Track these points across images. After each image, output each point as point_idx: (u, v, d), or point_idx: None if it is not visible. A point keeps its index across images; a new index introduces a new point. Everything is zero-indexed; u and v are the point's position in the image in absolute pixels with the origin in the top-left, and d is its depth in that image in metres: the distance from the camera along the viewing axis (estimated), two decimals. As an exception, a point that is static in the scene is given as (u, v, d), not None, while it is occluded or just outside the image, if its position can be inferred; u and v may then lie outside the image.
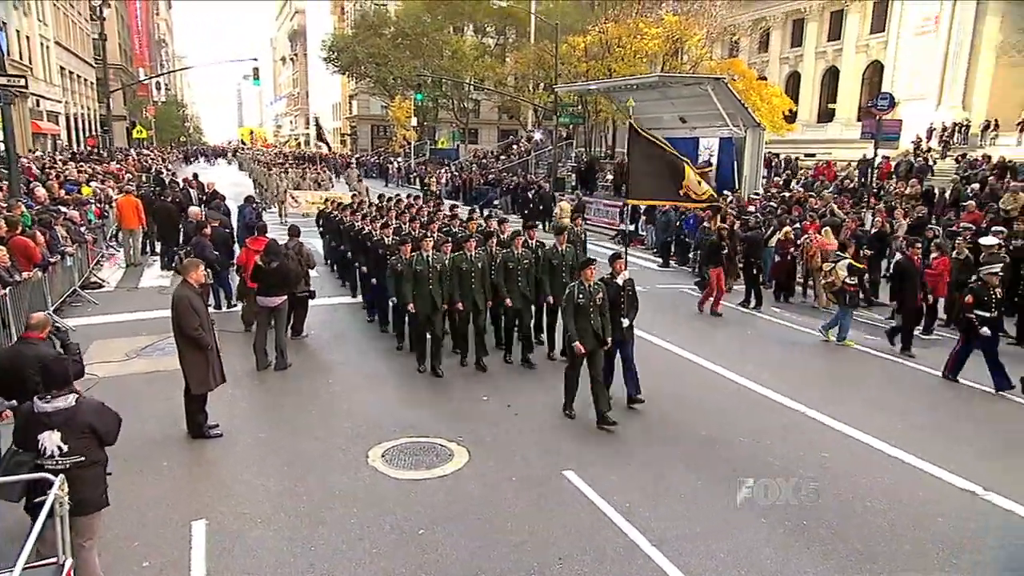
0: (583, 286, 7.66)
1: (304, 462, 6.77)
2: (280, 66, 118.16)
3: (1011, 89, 32.55)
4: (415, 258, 9.15)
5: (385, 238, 10.93)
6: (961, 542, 5.58)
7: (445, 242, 9.71)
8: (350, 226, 12.91)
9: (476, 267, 9.39)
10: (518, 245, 9.71)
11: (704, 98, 22.32)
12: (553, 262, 9.86)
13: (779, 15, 44.94)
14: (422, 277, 9.12)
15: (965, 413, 8.60)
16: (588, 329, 7.60)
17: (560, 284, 9.51)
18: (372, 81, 58.49)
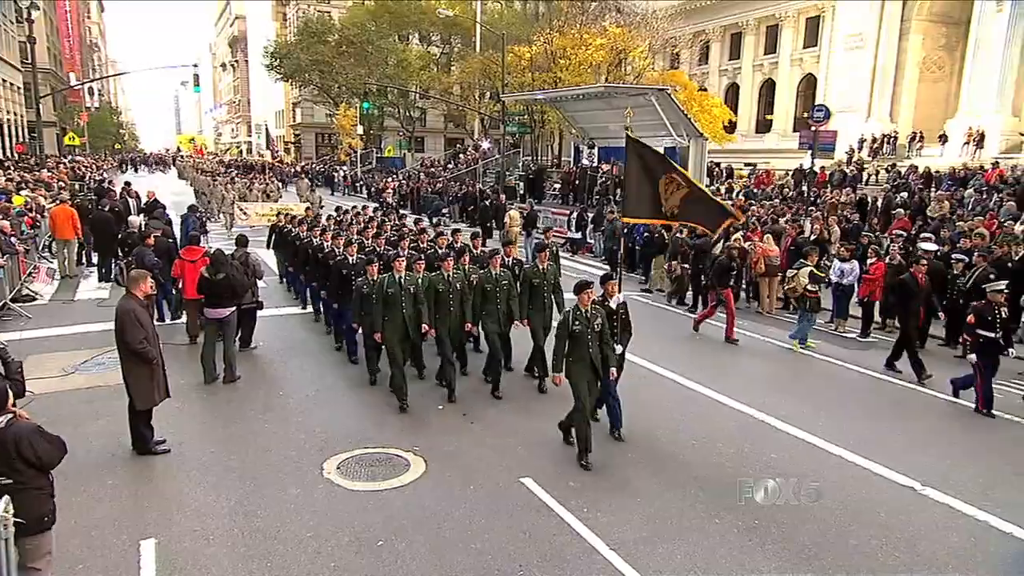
0: (579, 311, 6.92)
1: (258, 476, 6.62)
2: (220, 72, 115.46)
3: (934, 103, 34.38)
4: (385, 279, 8.31)
5: (349, 256, 10.04)
6: (902, 536, 5.83)
7: (417, 260, 8.84)
8: (307, 242, 12.02)
9: (454, 288, 8.64)
10: (496, 264, 8.98)
11: (648, 108, 22.75)
12: (534, 282, 9.03)
13: (718, 28, 46.32)
14: (393, 301, 8.23)
15: (905, 413, 8.98)
16: (585, 359, 6.88)
17: (542, 306, 9.01)
18: (316, 89, 57.73)
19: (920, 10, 33.76)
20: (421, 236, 11.72)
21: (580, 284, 7.05)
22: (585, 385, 6.90)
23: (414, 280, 8.44)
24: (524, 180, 29.95)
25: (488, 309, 8.93)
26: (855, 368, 10.64)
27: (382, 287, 8.26)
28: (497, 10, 56.39)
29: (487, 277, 8.91)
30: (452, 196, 30.37)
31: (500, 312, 8.92)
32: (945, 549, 5.66)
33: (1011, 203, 16.93)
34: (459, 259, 9.09)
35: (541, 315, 9.07)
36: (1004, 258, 11.78)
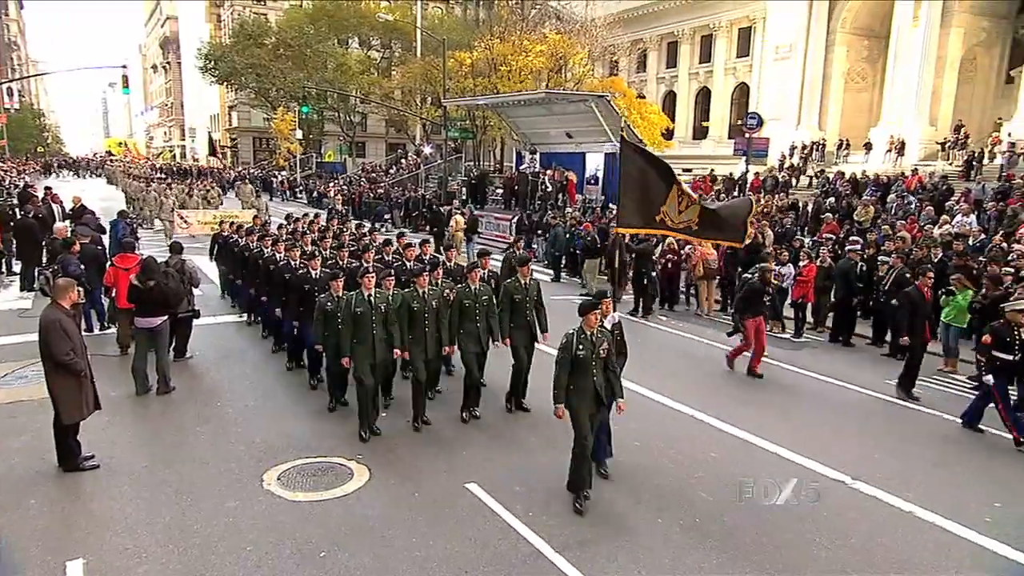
0: (584, 334, 6.21)
1: (194, 490, 6.41)
2: (151, 74, 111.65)
3: (858, 112, 35.94)
4: (353, 298, 7.52)
5: (311, 271, 9.18)
6: (836, 527, 6.06)
7: (387, 275, 7.89)
8: (257, 254, 11.02)
9: (429, 307, 7.85)
10: (475, 278, 8.17)
11: (588, 115, 23.12)
12: (515, 298, 8.31)
13: (655, 37, 47.34)
14: (363, 322, 7.46)
15: (841, 411, 9.33)
16: (589, 388, 6.19)
17: (524, 324, 8.33)
18: (253, 92, 56.41)
19: (844, 23, 35.24)
20: (386, 248, 10.69)
21: (587, 304, 6.28)
22: (587, 418, 6.20)
23: (385, 298, 7.62)
24: (466, 185, 29.94)
25: (467, 328, 8.11)
26: (791, 368, 11.01)
27: (349, 306, 7.46)
28: (438, 15, 56.35)
29: (465, 292, 8.11)
30: (394, 201, 30.13)
31: (480, 330, 8.15)
32: (877, 542, 5.91)
33: (930, 208, 17.82)
34: (432, 273, 8.21)
35: (523, 334, 8.36)
36: (922, 260, 12.40)
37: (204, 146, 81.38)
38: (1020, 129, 25.53)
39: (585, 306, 6.28)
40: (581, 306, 6.29)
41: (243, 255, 11.87)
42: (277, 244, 10.79)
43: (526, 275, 8.42)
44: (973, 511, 6.35)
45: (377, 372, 7.71)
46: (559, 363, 6.25)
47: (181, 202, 25.65)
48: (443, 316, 8.01)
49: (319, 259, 9.39)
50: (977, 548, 5.82)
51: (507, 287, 8.36)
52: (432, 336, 7.93)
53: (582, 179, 24.82)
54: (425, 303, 7.84)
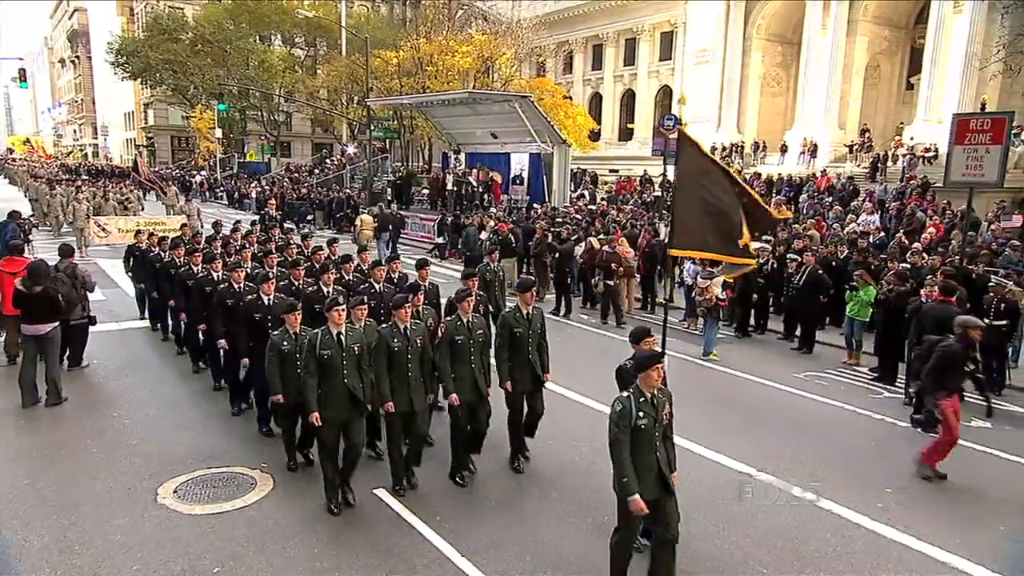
0: (643, 397, 4.69)
1: (80, 509, 6.03)
2: (59, 69, 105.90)
3: (774, 116, 37.28)
4: (318, 337, 5.95)
5: (264, 296, 7.56)
6: (741, 518, 6.19)
7: (359, 305, 6.29)
8: (186, 272, 9.39)
9: (414, 345, 6.31)
10: (467, 309, 6.58)
11: (513, 115, 23.15)
12: (515, 332, 6.71)
13: (580, 39, 47.89)
14: (331, 368, 5.92)
15: (747, 407, 9.57)
16: (652, 467, 4.73)
17: (525, 364, 6.76)
18: (170, 89, 54.22)
19: (759, 30, 36.49)
20: (346, 265, 8.88)
21: (645, 359, 4.76)
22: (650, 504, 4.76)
23: (358, 336, 6.08)
24: (392, 186, 29.56)
25: (459, 370, 6.50)
26: (694, 361, 11.26)
27: (313, 347, 5.91)
28: (363, 14, 55.51)
29: (456, 326, 6.54)
30: (318, 202, 29.46)
31: (475, 372, 6.56)
32: (776, 530, 6.06)
33: (838, 207, 18.61)
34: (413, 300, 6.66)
35: (525, 376, 6.80)
36: (829, 257, 12.90)
37: (118, 147, 77.88)
38: (920, 133, 26.96)
39: (643, 361, 4.76)
40: (639, 361, 4.81)
41: (169, 272, 10.08)
42: (213, 262, 9.06)
43: (528, 303, 6.81)
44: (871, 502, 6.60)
45: (353, 432, 6.08)
46: (616, 442, 4.67)
47: (96, 206, 22.83)
48: (428, 356, 6.47)
49: (272, 282, 7.75)
50: (870, 533, 6.03)
51: (506, 319, 6.77)
52: (416, 383, 6.34)
53: (508, 179, 24.84)
54: (408, 341, 6.26)
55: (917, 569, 5.53)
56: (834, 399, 9.45)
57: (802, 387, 9.93)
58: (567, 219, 18.23)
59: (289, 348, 6.44)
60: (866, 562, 5.60)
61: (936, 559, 5.66)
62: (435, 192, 26.26)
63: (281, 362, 6.47)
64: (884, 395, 9.62)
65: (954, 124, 11.33)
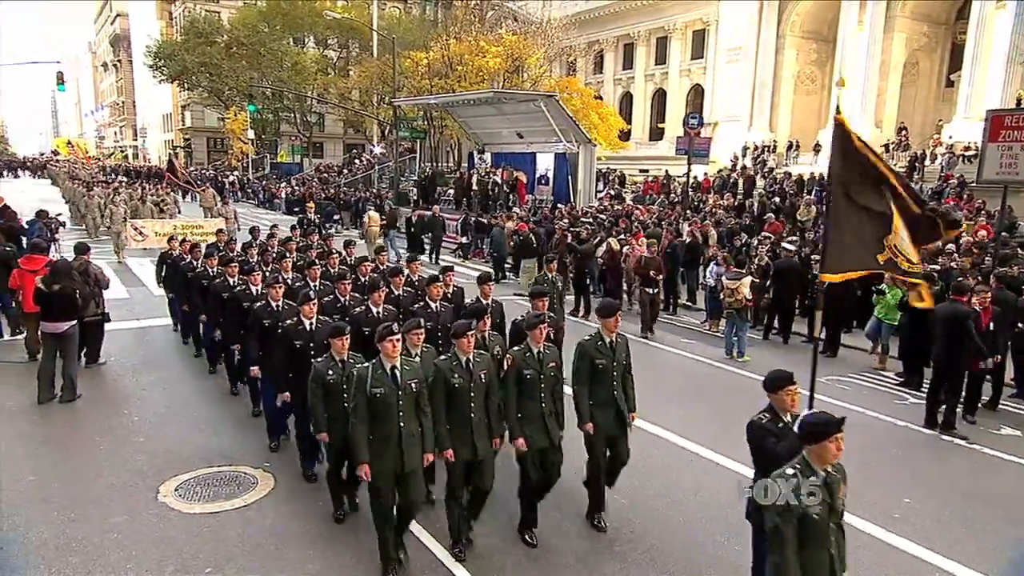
0: (812, 473, 3.65)
1: (82, 505, 6.04)
2: (101, 73, 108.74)
3: (808, 114, 36.57)
4: (369, 372, 4.92)
5: (305, 319, 6.42)
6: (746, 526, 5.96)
7: (415, 329, 5.46)
8: (221, 284, 8.47)
9: (477, 381, 5.30)
10: (539, 339, 5.51)
11: (538, 114, 23.01)
12: (597, 363, 5.68)
13: (611, 39, 47.58)
14: (384, 409, 4.92)
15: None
16: (824, 548, 3.67)
17: (609, 402, 5.70)
18: (205, 91, 55.27)
19: (793, 27, 35.84)
20: (395, 279, 7.80)
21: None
22: None
23: (415, 371, 5.12)
24: (418, 186, 29.62)
25: (527, 410, 5.50)
26: (714, 364, 10.99)
27: (363, 384, 4.91)
28: (395, 15, 55.90)
29: (525, 358, 5.51)
30: (344, 202, 29.66)
31: (546, 413, 5.55)
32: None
33: (870, 207, 18.07)
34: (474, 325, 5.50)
35: (607, 415, 5.74)
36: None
37: (157, 148, 79.63)
38: (959, 131, 26.17)
39: (774, 381, 4.60)
40: (771, 380, 4.63)
41: (201, 284, 9.30)
42: (251, 274, 8.20)
43: (612, 329, 5.74)
44: (886, 509, 6.32)
45: (410, 486, 5.11)
46: (776, 532, 3.63)
47: (133, 209, 21.92)
48: (495, 394, 5.45)
49: (314, 303, 6.51)
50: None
51: (586, 347, 5.73)
52: (480, 425, 5.35)
53: (533, 179, 24.70)
54: (471, 376, 5.26)
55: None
56: (855, 404, 9.09)
57: (823, 391, 9.45)
58: (590, 219, 18.01)
59: (335, 378, 5.52)
60: (873, 574, 5.35)
61: (950, 572, 5.40)
62: (460, 192, 26.22)
63: (326, 394, 5.54)
64: (909, 401, 9.26)
65: (988, 120, 10.91)
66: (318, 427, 5.65)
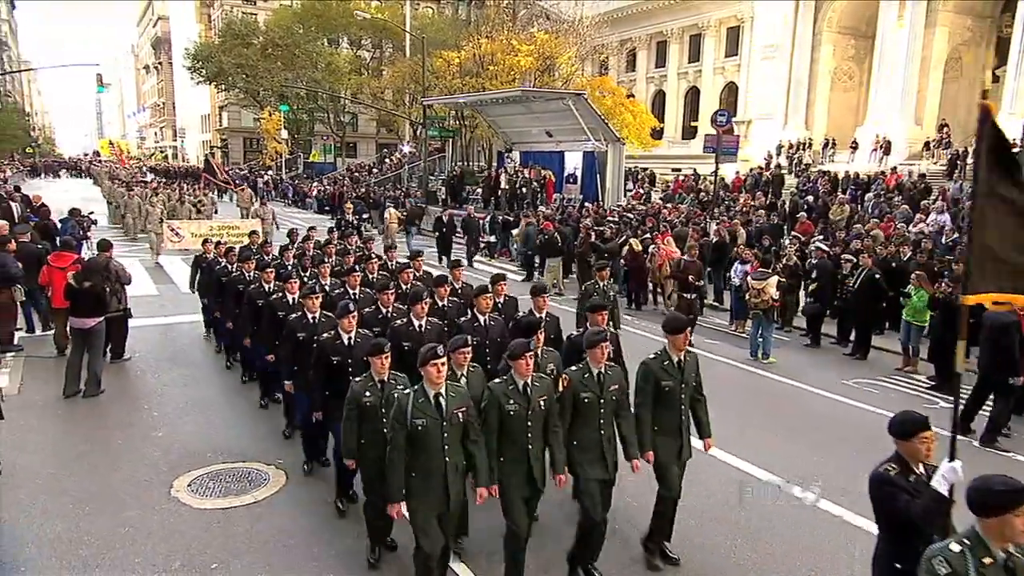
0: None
1: (97, 499, 6.13)
2: (143, 75, 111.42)
3: (845, 112, 35.70)
4: (410, 399, 4.36)
5: (344, 333, 5.84)
6: (759, 531, 5.80)
7: (461, 348, 4.88)
8: (256, 291, 8.07)
9: (535, 409, 4.63)
10: (599, 358, 4.84)
11: (567, 113, 22.90)
12: (664, 385, 5.06)
13: (644, 36, 47.10)
14: (428, 439, 4.34)
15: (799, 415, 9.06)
16: None
17: (674, 428, 5.14)
18: (241, 92, 56.24)
19: (830, 23, 35.01)
20: (439, 289, 7.17)
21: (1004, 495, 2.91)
22: None
23: (463, 397, 4.53)
24: (446, 184, 29.70)
25: (584, 439, 4.89)
26: (739, 366, 10.76)
27: (403, 415, 4.34)
28: (428, 15, 56.17)
29: (584, 380, 4.85)
30: (372, 200, 29.87)
31: (604, 442, 4.91)
32: (797, 545, 5.64)
33: (906, 207, 17.59)
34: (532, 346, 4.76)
35: (671, 444, 5.15)
36: (889, 258, 12.15)
37: (195, 148, 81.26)
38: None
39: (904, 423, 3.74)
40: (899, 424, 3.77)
41: (236, 289, 8.90)
42: (288, 281, 7.62)
43: (681, 348, 5.10)
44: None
45: (447, 524, 4.58)
46: None
47: (171, 209, 21.61)
48: (554, 422, 4.77)
49: (354, 316, 5.90)
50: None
51: (650, 367, 5.10)
52: (539, 458, 4.71)
53: (561, 178, 24.57)
54: (529, 403, 4.61)
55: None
56: (882, 408, 8.78)
57: (849, 395, 9.35)
58: (616, 218, 17.82)
59: (372, 400, 4.93)
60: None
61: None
62: (488, 191, 26.21)
63: (361, 418, 4.96)
64: (939, 405, 8.92)
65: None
66: (348, 452, 5.11)
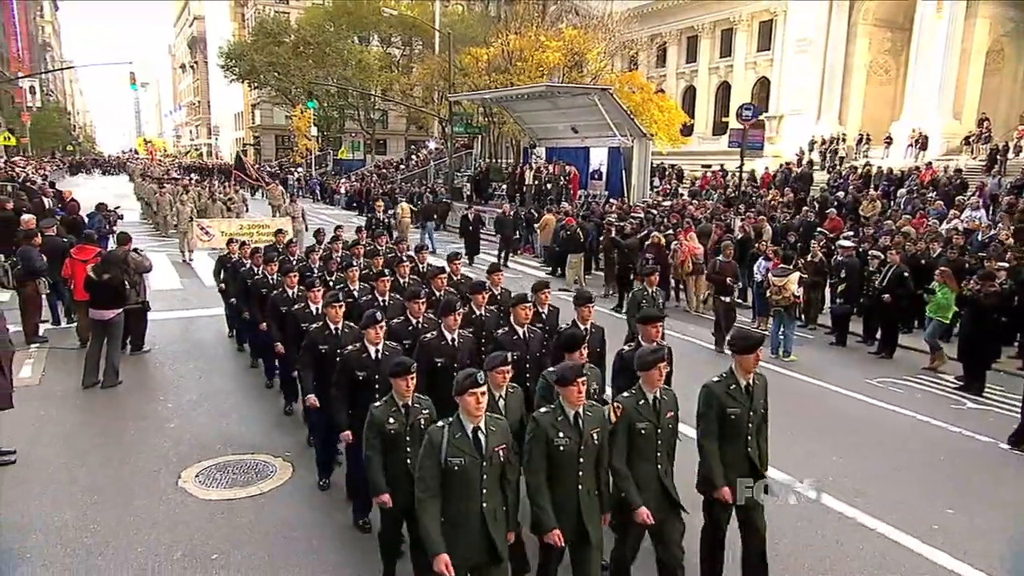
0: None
1: (106, 489, 6.19)
2: (179, 74, 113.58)
3: (881, 106, 34.85)
4: (447, 433, 3.75)
5: (371, 348, 5.25)
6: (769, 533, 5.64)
7: (500, 365, 4.27)
8: (280, 297, 7.54)
9: (588, 442, 4.02)
10: (656, 381, 4.26)
11: (593, 108, 22.69)
12: (730, 413, 4.43)
13: (674, 31, 46.56)
14: (466, 481, 3.76)
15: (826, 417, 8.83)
16: None
17: (741, 459, 4.49)
18: (273, 90, 56.96)
19: (865, 15, 34.19)
20: (476, 296, 6.54)
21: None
22: None
23: (502, 432, 3.89)
24: (472, 181, 29.69)
25: (642, 473, 4.26)
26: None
27: (436, 452, 3.73)
28: (458, 12, 56.22)
29: (639, 407, 4.24)
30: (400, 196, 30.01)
31: (662, 475, 4.32)
32: (807, 547, 5.46)
33: (940, 202, 17.09)
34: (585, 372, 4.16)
35: (741, 475, 4.50)
36: (918, 255, 11.79)
37: (229, 146, 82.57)
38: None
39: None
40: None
41: (260, 292, 8.39)
42: (312, 288, 6.90)
43: (750, 370, 4.46)
44: (928, 523, 5.86)
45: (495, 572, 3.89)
46: None
47: (203, 207, 21.06)
48: (605, 457, 4.15)
49: (382, 326, 5.29)
50: None
51: (714, 392, 4.48)
52: (589, 498, 4.06)
53: (586, 174, 24.37)
54: (581, 436, 4.00)
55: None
56: (905, 408, 8.58)
57: (873, 394, 9.08)
58: (640, 214, 17.59)
59: (396, 428, 4.34)
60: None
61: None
62: (513, 187, 26.12)
63: (384, 447, 4.35)
64: (966, 406, 8.63)
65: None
66: (376, 487, 4.38)
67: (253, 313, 8.64)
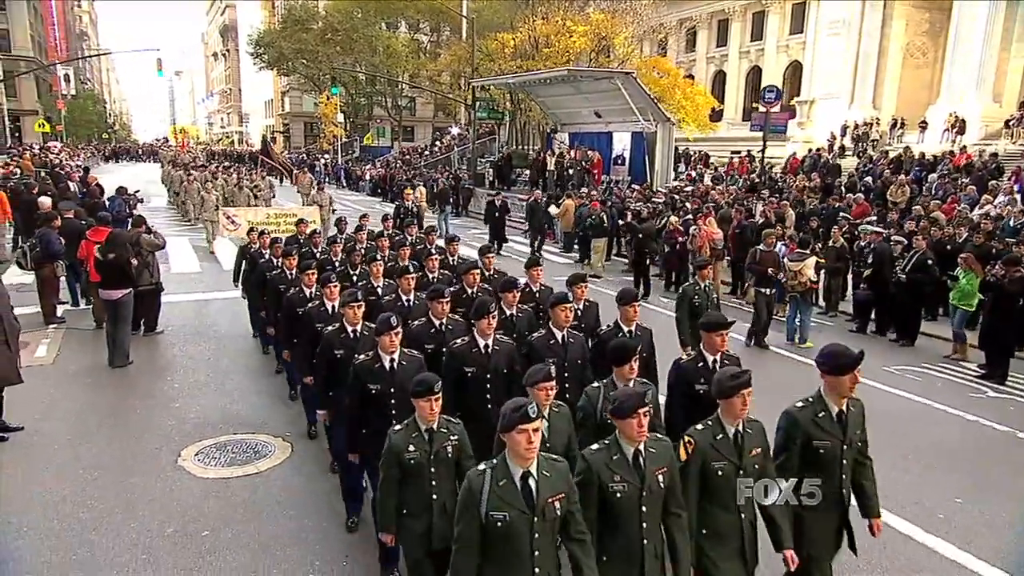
0: None
1: (106, 465, 6.27)
2: (212, 62, 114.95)
3: (917, 89, 33.85)
4: (490, 479, 2.99)
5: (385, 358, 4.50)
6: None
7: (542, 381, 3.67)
8: (296, 296, 6.73)
9: (655, 487, 3.27)
10: (739, 411, 3.51)
11: (616, 93, 22.39)
12: (819, 447, 3.71)
13: (704, 15, 45.73)
14: (513, 535, 2.97)
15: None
16: None
17: (834, 502, 3.75)
18: (302, 77, 57.30)
19: (903, -5, 33.21)
20: (507, 295, 5.67)
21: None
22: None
23: (559, 478, 3.08)
24: (494, 167, 29.56)
25: (718, 524, 3.59)
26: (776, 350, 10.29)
27: (475, 502, 3.00)
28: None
29: (717, 442, 3.54)
30: (423, 182, 30.02)
31: (744, 523, 3.57)
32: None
33: (972, 188, 16.53)
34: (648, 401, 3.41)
35: (830, 526, 3.82)
36: (944, 240, 11.42)
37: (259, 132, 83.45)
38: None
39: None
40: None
41: (277, 288, 7.68)
42: (328, 285, 6.08)
43: (845, 394, 3.72)
44: (936, 515, 5.66)
45: None
46: None
47: (229, 195, 20.23)
48: (677, 505, 3.40)
49: (398, 332, 4.47)
50: None
51: (798, 421, 3.74)
52: (654, 558, 3.30)
53: (609, 159, 24.09)
54: (642, 480, 3.24)
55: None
56: (922, 396, 8.32)
57: (889, 382, 8.81)
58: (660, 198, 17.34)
59: (417, 458, 3.64)
60: None
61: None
62: (535, 173, 25.95)
63: (403, 479, 3.70)
64: (987, 394, 8.33)
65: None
66: (384, 523, 3.80)
67: (269, 311, 8.10)
